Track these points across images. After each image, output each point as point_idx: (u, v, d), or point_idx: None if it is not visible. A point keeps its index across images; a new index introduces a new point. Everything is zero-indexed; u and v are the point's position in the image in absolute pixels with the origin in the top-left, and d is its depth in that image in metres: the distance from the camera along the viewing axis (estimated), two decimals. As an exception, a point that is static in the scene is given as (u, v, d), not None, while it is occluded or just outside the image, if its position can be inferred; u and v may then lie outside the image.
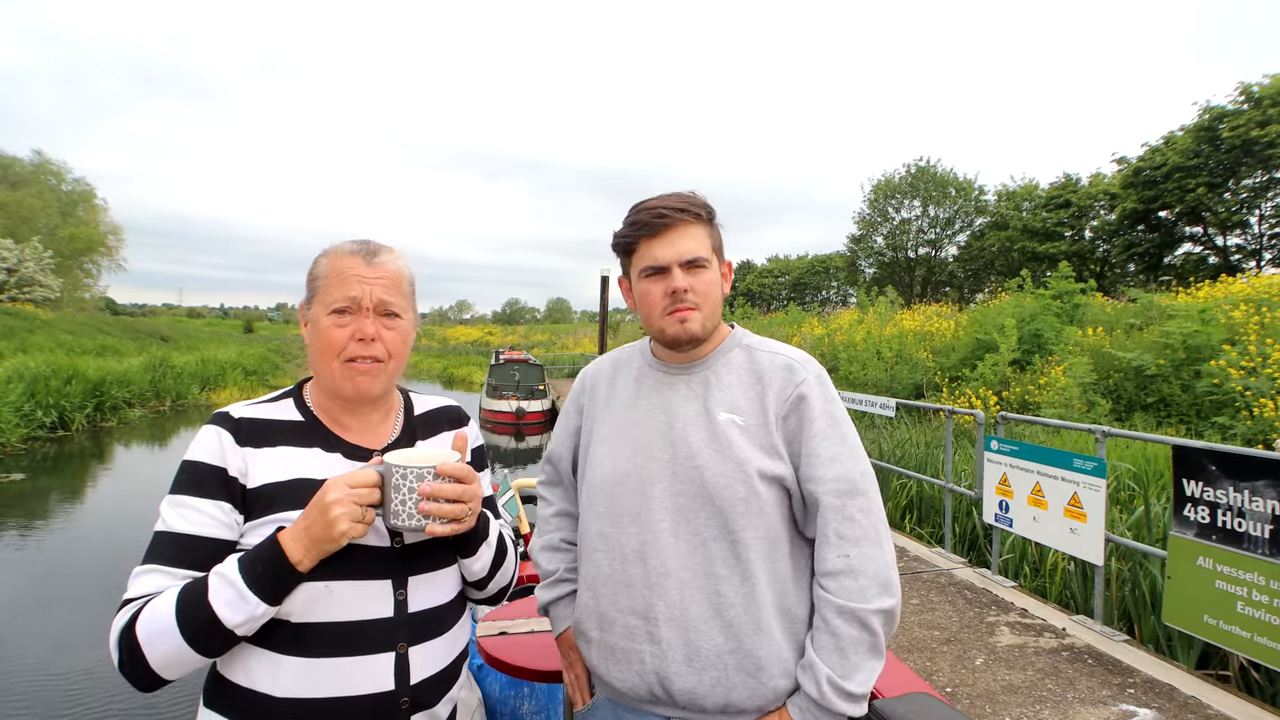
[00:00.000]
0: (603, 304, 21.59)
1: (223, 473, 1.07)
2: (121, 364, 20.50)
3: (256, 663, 1.04)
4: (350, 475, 1.01)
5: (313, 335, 1.14)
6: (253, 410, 1.15)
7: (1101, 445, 4.12)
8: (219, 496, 1.06)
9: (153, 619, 0.97)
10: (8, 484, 10.78)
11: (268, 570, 0.98)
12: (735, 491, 1.21)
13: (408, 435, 1.24)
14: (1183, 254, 23.67)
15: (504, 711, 2.11)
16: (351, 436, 1.18)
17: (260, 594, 0.98)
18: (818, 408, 1.25)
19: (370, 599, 1.08)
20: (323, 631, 1.05)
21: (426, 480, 1.02)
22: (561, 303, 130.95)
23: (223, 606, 0.96)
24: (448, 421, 1.31)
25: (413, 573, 1.13)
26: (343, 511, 0.98)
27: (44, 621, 6.13)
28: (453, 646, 1.19)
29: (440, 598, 1.17)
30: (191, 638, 0.96)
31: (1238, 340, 8.59)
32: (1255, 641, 3.06)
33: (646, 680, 1.23)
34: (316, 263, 1.17)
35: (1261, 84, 18.99)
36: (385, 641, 1.08)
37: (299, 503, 1.05)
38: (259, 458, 1.10)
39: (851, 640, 1.16)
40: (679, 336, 1.27)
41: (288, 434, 1.14)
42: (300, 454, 1.12)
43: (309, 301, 1.16)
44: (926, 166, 32.79)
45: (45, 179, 38.30)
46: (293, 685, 1.03)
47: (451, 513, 1.04)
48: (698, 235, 1.26)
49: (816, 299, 46.72)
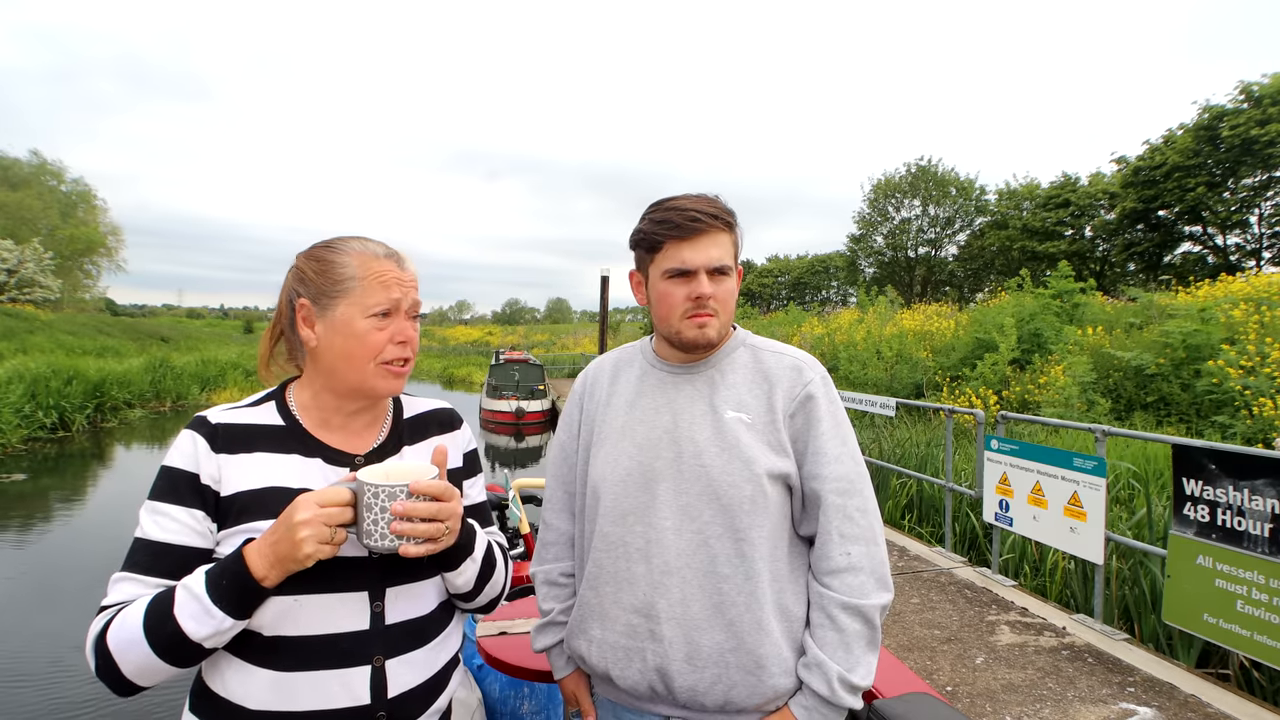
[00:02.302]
0: (603, 304, 21.60)
1: (195, 479, 1.05)
2: (122, 365, 20.50)
3: (232, 672, 1.03)
4: (321, 494, 0.97)
5: (340, 338, 1.10)
6: (231, 415, 1.12)
7: (1101, 444, 4.12)
8: (192, 504, 1.04)
9: (123, 628, 0.96)
10: (9, 484, 10.78)
11: (233, 585, 0.96)
12: (742, 490, 1.22)
13: (394, 440, 1.20)
14: (1182, 253, 23.68)
15: (504, 711, 2.11)
16: (334, 440, 1.15)
17: (225, 609, 0.95)
18: (824, 408, 1.27)
19: (344, 612, 1.05)
20: (294, 644, 1.03)
21: (399, 499, 0.98)
22: (561, 303, 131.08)
23: (188, 620, 0.94)
24: (438, 424, 1.27)
25: (391, 584, 1.10)
26: (310, 534, 0.94)
27: (43, 621, 6.13)
28: (437, 657, 1.15)
29: (421, 609, 1.13)
30: (159, 650, 0.95)
31: (1237, 339, 8.59)
32: (1255, 640, 3.06)
33: (648, 678, 1.23)
34: (338, 262, 1.12)
35: (1261, 83, 19.00)
36: (360, 655, 1.05)
37: (272, 512, 1.02)
38: (233, 464, 1.07)
39: (855, 634, 1.18)
40: (697, 341, 1.27)
41: (265, 439, 1.10)
42: (277, 460, 1.09)
43: (332, 302, 1.11)
44: (927, 166, 32.79)
45: (45, 180, 38.32)
46: (266, 698, 1.02)
47: (426, 532, 0.99)
48: (725, 243, 1.26)
49: (816, 298, 46.71)
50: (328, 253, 1.13)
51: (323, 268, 1.12)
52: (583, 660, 1.33)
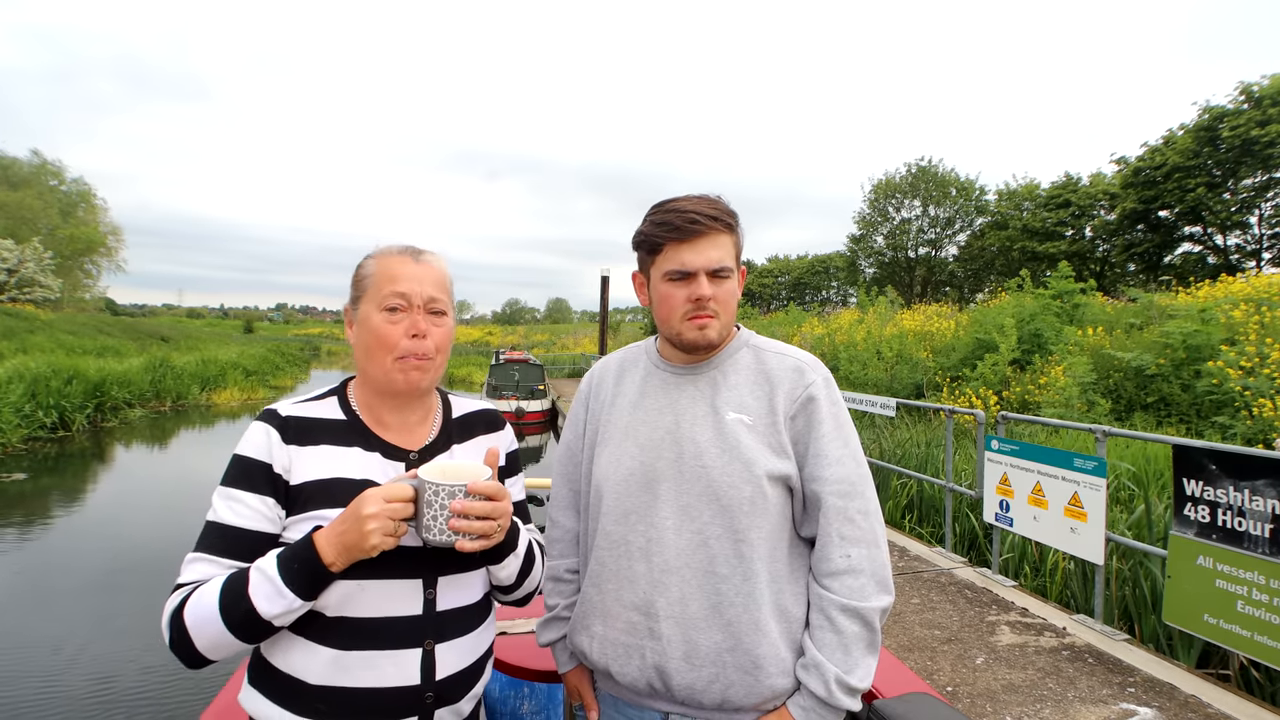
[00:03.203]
0: (603, 304, 21.61)
1: (268, 469, 1.12)
2: (122, 364, 20.50)
3: (295, 649, 1.10)
4: (386, 489, 1.04)
5: (363, 333, 1.18)
6: (298, 408, 1.19)
7: (1102, 445, 4.12)
8: (264, 491, 1.11)
9: (199, 606, 1.03)
10: (9, 484, 10.79)
11: (303, 569, 1.04)
12: (741, 491, 1.22)
13: (444, 438, 1.27)
14: (1182, 254, 23.67)
15: (504, 711, 2.11)
16: (391, 436, 1.22)
17: (295, 590, 1.03)
18: (825, 410, 1.27)
19: (400, 597, 1.13)
20: (355, 625, 1.10)
21: (458, 498, 1.04)
22: (561, 303, 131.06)
23: (261, 600, 1.02)
24: (484, 424, 1.34)
25: (442, 573, 1.17)
26: (377, 526, 1.01)
27: (44, 621, 6.13)
28: (478, 645, 1.23)
29: (468, 598, 1.21)
30: (233, 626, 1.03)
31: (1237, 340, 8.59)
32: (1255, 640, 3.06)
33: (646, 675, 1.24)
34: (363, 264, 1.22)
35: (1261, 84, 18.99)
36: (413, 638, 1.13)
37: (336, 501, 1.10)
38: (302, 455, 1.15)
39: (854, 636, 1.18)
40: (697, 343, 1.28)
41: (329, 432, 1.18)
42: (340, 453, 1.17)
43: (356, 301, 1.20)
44: (927, 166, 32.77)
45: (45, 179, 38.31)
46: (325, 673, 1.09)
47: (481, 529, 1.06)
48: (725, 245, 1.26)
49: (817, 299, 46.70)
50: (362, 260, 1.23)
51: (356, 273, 1.23)
52: (584, 656, 1.34)
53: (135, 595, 6.91)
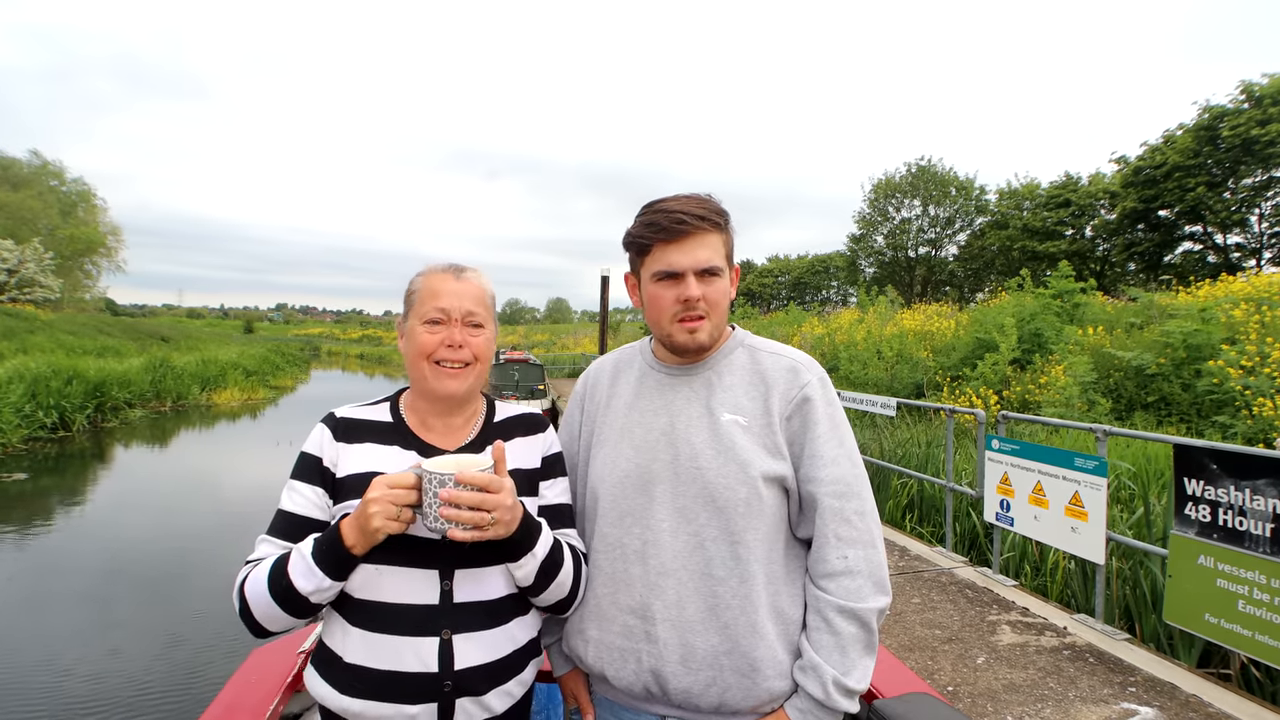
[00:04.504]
0: (603, 304, 21.59)
1: (319, 462, 1.26)
2: (122, 365, 20.51)
3: (337, 628, 1.22)
4: (391, 476, 1.11)
5: (408, 344, 1.29)
6: (353, 411, 1.33)
7: (1102, 444, 4.12)
8: (315, 482, 1.25)
9: (255, 581, 1.16)
10: (9, 484, 10.78)
11: (330, 550, 1.13)
12: (737, 493, 1.21)
13: (482, 439, 1.33)
14: (1182, 253, 23.67)
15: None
16: (433, 438, 1.31)
17: (324, 570, 1.13)
18: (821, 410, 1.26)
19: (418, 585, 1.20)
20: (377, 609, 1.19)
21: (446, 487, 1.07)
22: (561, 303, 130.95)
23: (298, 577, 1.13)
24: (524, 427, 1.39)
25: (460, 566, 1.22)
26: (378, 510, 1.08)
27: (42, 620, 6.13)
28: (506, 641, 1.24)
29: (486, 593, 1.24)
30: (278, 600, 1.14)
31: (1238, 339, 8.58)
32: (1256, 640, 3.06)
33: (643, 678, 1.23)
34: (412, 282, 1.33)
35: (1261, 83, 18.99)
36: (430, 627, 1.19)
37: None
38: (348, 451, 1.27)
39: (851, 638, 1.17)
40: (687, 345, 1.27)
41: (375, 432, 1.30)
42: (381, 450, 1.28)
43: (405, 316, 1.32)
44: (927, 166, 32.77)
45: (45, 179, 38.30)
46: (357, 652, 1.18)
47: (470, 519, 1.07)
48: (714, 244, 1.25)
49: (817, 298, 46.70)
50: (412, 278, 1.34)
51: (406, 290, 1.34)
52: (580, 660, 1.33)
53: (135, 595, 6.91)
